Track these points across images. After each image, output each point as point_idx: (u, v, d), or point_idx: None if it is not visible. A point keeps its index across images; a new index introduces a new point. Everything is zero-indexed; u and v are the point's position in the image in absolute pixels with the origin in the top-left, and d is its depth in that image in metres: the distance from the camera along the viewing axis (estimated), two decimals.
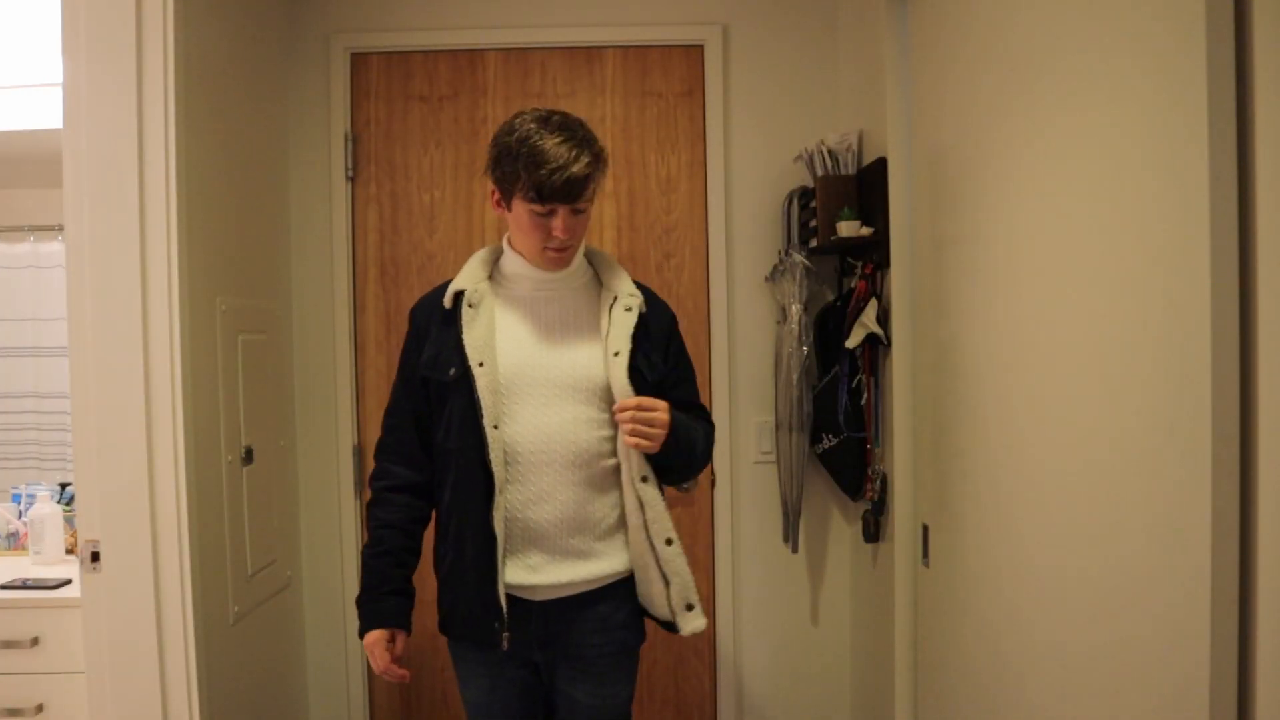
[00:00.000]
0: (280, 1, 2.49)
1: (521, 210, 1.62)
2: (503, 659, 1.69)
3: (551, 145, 1.57)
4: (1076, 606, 1.29)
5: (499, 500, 1.62)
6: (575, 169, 1.57)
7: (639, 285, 1.76)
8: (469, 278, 1.72)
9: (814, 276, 2.39)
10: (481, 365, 1.64)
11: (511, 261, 1.72)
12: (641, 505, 1.65)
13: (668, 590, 1.66)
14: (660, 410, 1.61)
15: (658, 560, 1.66)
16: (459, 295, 1.69)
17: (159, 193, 1.79)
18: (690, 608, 1.67)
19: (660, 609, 1.69)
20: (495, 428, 1.63)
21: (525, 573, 1.65)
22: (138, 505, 1.78)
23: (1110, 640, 1.20)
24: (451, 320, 1.68)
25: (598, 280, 1.77)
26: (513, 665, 1.71)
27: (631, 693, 1.77)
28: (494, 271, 1.75)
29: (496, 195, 1.67)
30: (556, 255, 1.66)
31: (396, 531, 1.72)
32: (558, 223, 1.61)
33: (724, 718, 2.60)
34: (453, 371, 1.65)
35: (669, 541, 1.66)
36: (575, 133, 1.60)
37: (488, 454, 1.61)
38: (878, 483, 2.22)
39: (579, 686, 1.69)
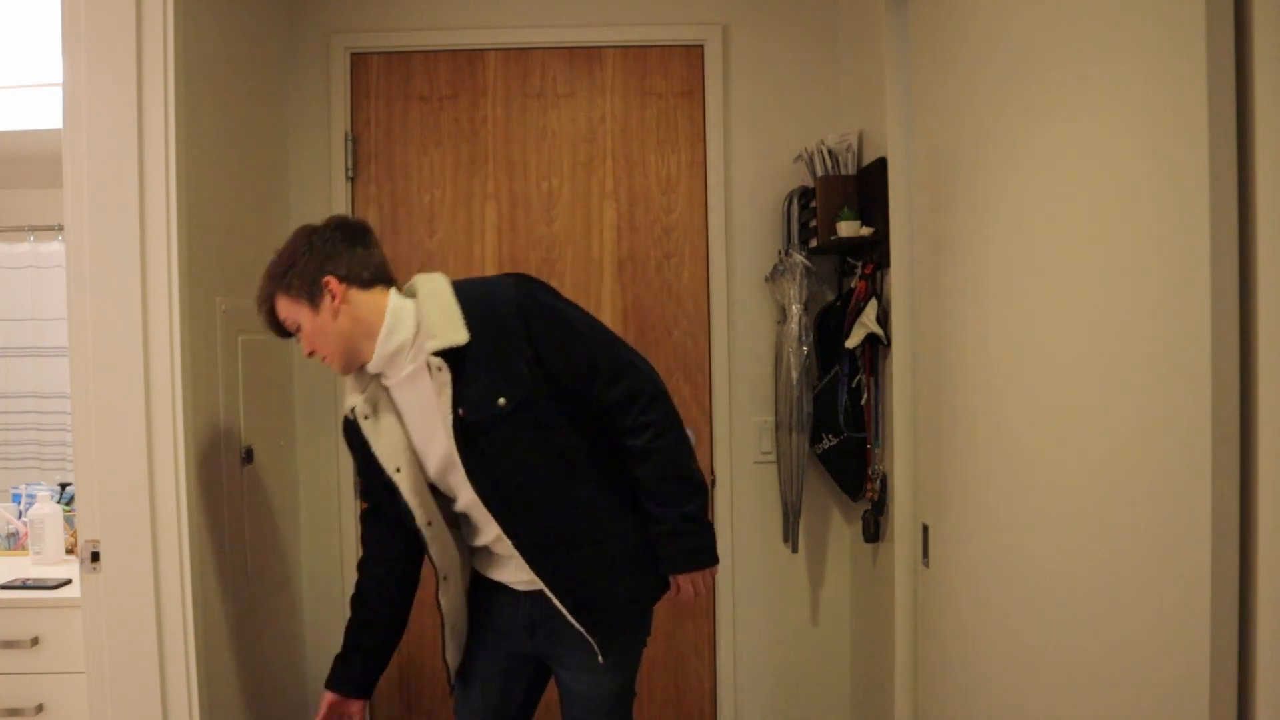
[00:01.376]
0: (280, 1, 2.49)
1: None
2: (496, 639, 1.76)
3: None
4: (1077, 605, 1.29)
5: (444, 586, 1.71)
6: (262, 322, 1.66)
7: (466, 293, 1.59)
8: (354, 390, 1.66)
9: (814, 276, 2.39)
10: (399, 471, 1.64)
11: None
12: None
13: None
14: (695, 590, 1.70)
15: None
16: (353, 412, 1.66)
17: (159, 193, 1.79)
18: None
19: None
20: (430, 524, 1.66)
21: (506, 574, 1.71)
22: (138, 505, 1.78)
23: (1110, 639, 1.20)
24: (361, 435, 1.67)
25: None
26: (508, 642, 1.75)
27: (625, 681, 1.75)
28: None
29: None
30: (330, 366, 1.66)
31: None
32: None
33: (724, 718, 2.60)
34: (391, 473, 1.65)
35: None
36: (267, 271, 1.64)
37: (428, 549, 1.69)
38: (878, 483, 2.22)
39: (568, 673, 1.73)
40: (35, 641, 1.98)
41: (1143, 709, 1.14)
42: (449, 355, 1.55)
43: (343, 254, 1.62)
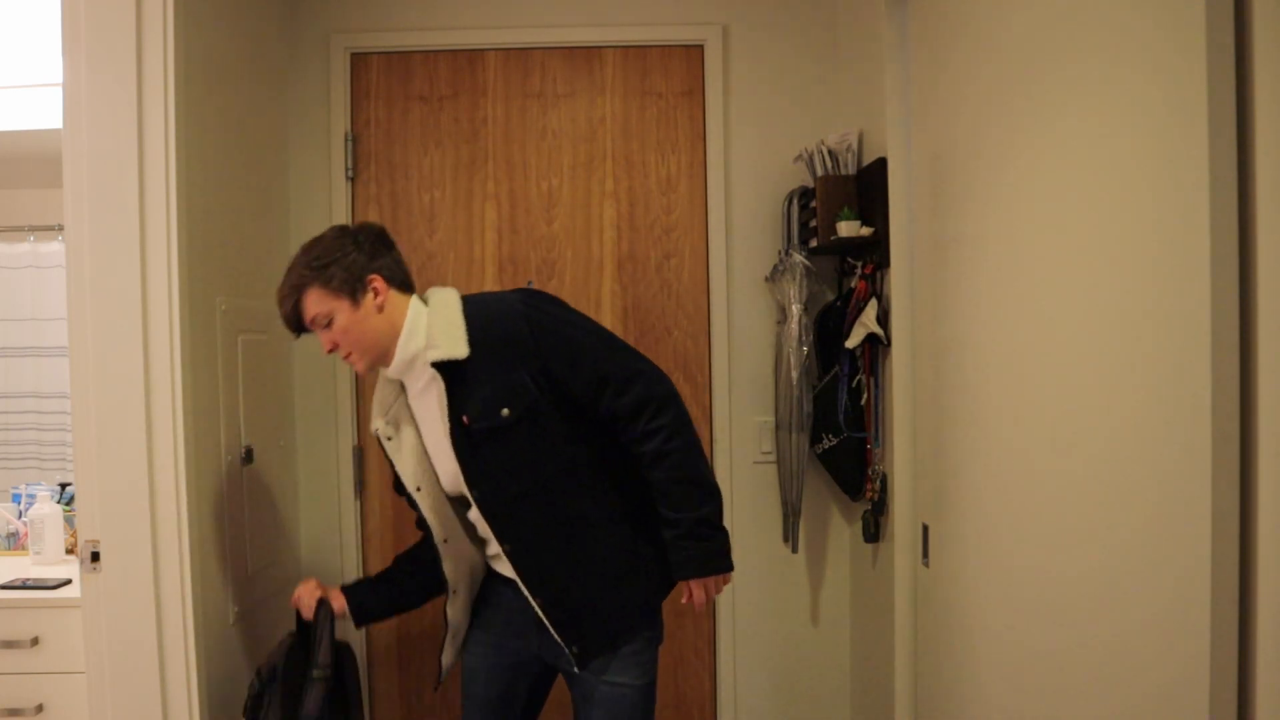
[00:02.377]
0: (280, 1, 2.49)
1: None
2: (505, 635, 1.80)
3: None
4: (1077, 605, 1.29)
5: (452, 598, 1.80)
6: (282, 312, 1.68)
7: (473, 308, 1.64)
8: (379, 410, 1.74)
9: (814, 276, 2.39)
10: (420, 490, 1.71)
11: None
12: None
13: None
14: (707, 595, 1.70)
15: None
16: (378, 433, 1.74)
17: (159, 193, 1.79)
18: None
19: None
20: (445, 540, 1.73)
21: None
22: (138, 505, 1.78)
23: (1110, 639, 1.20)
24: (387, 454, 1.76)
25: None
26: (516, 640, 1.80)
27: (644, 686, 1.73)
28: None
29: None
30: (349, 364, 1.69)
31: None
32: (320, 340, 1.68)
33: (724, 718, 2.60)
34: (413, 492, 1.73)
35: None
36: (289, 270, 1.67)
37: (441, 563, 1.75)
38: (878, 483, 2.22)
39: (583, 676, 1.73)
40: (35, 641, 1.98)
41: (1143, 709, 1.14)
42: (448, 367, 1.60)
43: (384, 255, 1.67)
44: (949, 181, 1.74)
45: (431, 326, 1.63)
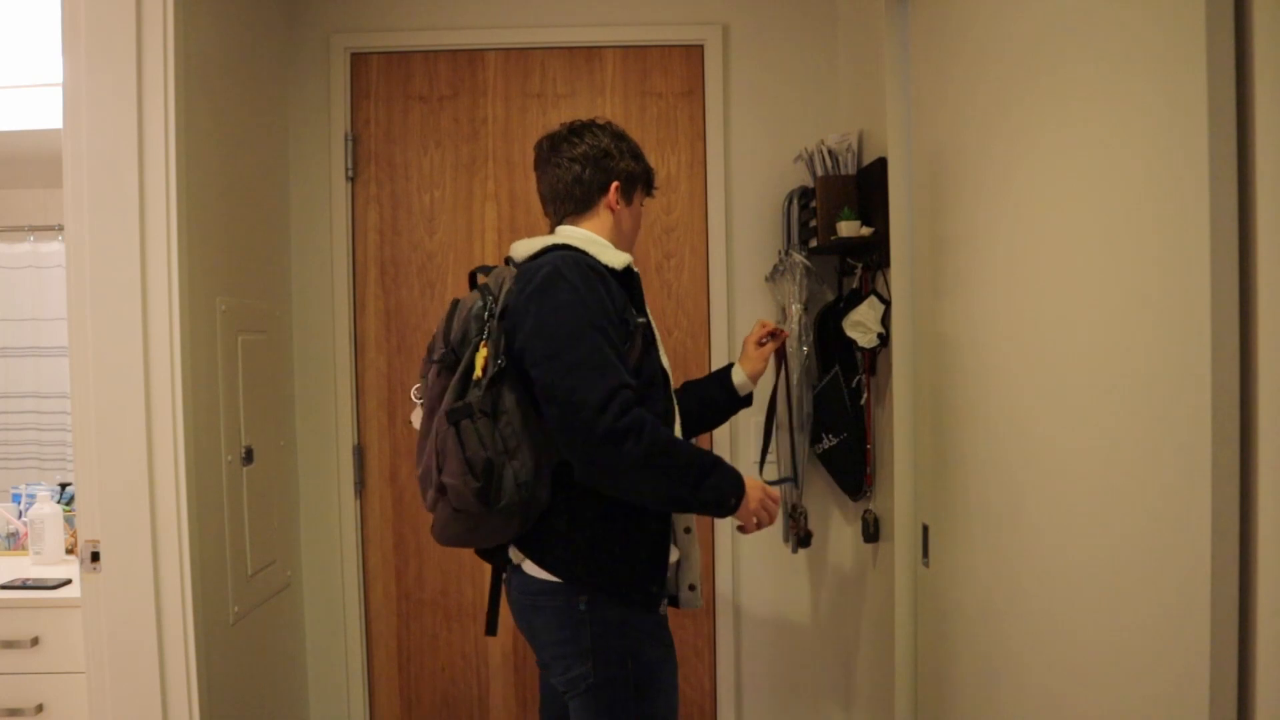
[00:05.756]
0: (280, 2, 2.49)
1: (638, 202, 1.79)
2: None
3: None
4: (1076, 605, 1.29)
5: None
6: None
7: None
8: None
9: (814, 276, 2.39)
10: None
11: None
12: None
13: (677, 569, 1.72)
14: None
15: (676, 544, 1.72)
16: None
17: (159, 193, 1.79)
18: (692, 588, 1.72)
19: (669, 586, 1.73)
20: None
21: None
22: (138, 505, 1.78)
23: (1110, 638, 1.20)
24: None
25: None
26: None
27: None
28: None
29: (618, 195, 1.72)
30: None
31: None
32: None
33: (724, 718, 2.60)
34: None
35: (687, 530, 1.72)
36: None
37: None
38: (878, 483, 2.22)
39: None
40: (35, 641, 1.99)
41: (1143, 708, 1.14)
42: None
43: None
44: (949, 181, 1.74)
45: None
